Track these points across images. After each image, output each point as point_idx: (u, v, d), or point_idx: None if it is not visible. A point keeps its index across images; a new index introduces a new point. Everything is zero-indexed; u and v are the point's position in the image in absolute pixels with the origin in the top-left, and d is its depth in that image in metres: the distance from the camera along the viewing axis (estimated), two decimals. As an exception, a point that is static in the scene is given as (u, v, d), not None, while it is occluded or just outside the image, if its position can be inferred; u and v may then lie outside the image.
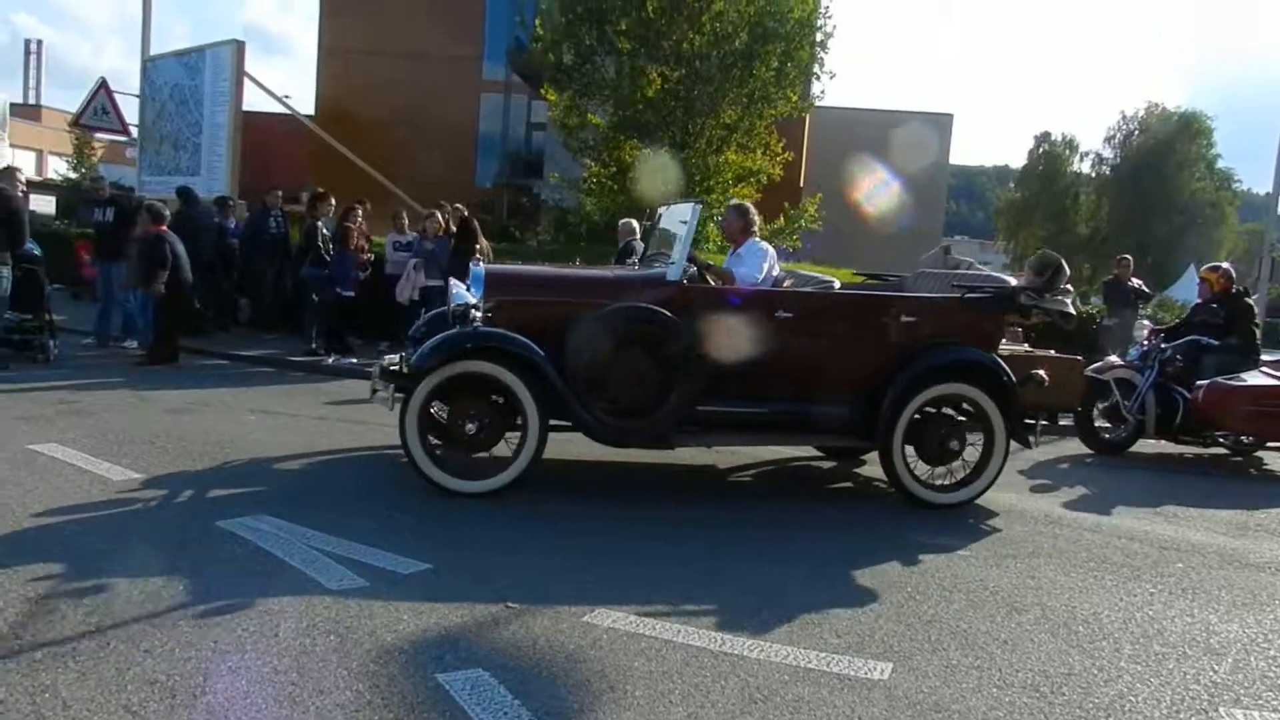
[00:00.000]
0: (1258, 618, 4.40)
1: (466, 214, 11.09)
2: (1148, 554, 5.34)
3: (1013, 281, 6.43)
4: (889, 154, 33.63)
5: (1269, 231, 14.95)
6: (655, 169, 14.65)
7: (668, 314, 5.57)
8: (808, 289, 6.42)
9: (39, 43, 59.35)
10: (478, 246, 10.42)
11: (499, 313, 5.68)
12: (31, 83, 53.12)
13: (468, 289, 6.05)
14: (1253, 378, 8.11)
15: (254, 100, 16.52)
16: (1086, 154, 52.24)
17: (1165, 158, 48.21)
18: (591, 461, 6.72)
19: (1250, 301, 8.88)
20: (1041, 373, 6.11)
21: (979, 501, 6.23)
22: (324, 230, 10.97)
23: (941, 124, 40.49)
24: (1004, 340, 6.45)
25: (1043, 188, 51.69)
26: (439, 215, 11.12)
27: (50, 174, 36.56)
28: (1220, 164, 52.84)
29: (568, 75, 17.43)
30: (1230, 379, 8.06)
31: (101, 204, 11.68)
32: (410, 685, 3.13)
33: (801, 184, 25.16)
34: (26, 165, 28.68)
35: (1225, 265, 9.29)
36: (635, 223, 10.72)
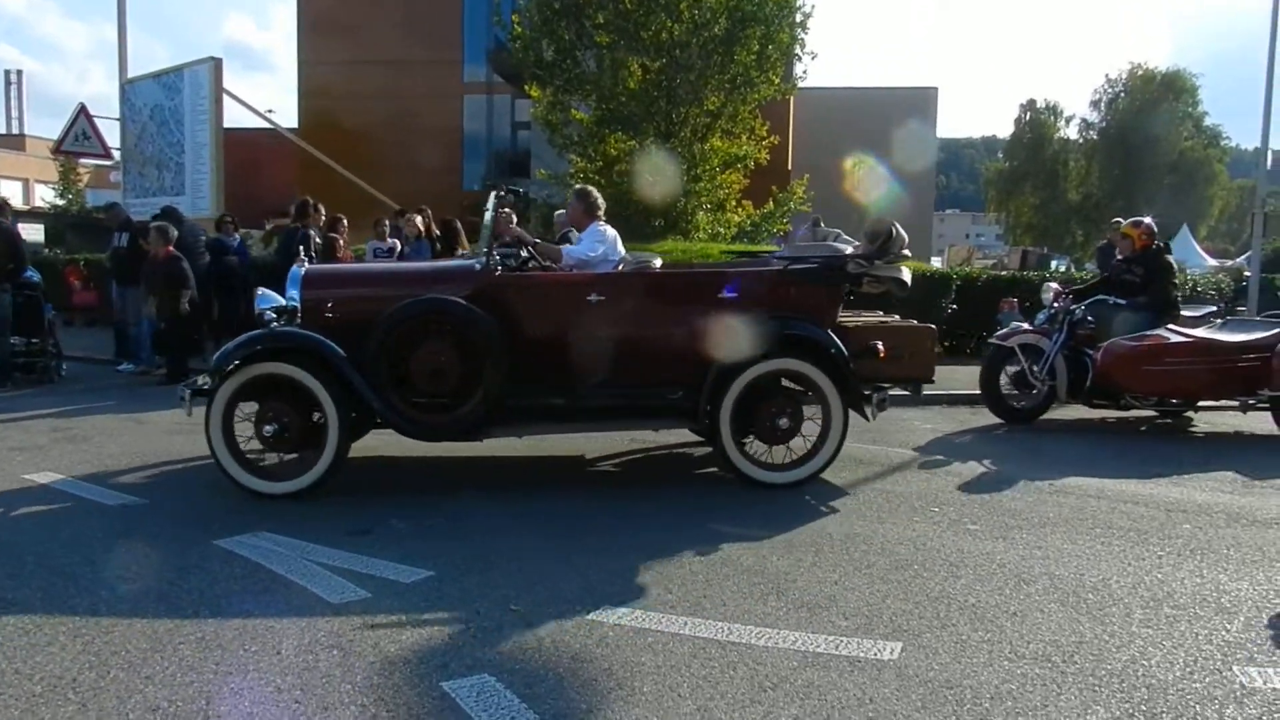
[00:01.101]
0: (1268, 575, 4.36)
1: (449, 217, 11.06)
2: (1154, 517, 5.31)
3: (847, 250, 6.10)
4: (874, 131, 33.56)
5: (1259, 186, 14.90)
6: (651, 169, 14.60)
7: (463, 303, 5.50)
8: (621, 270, 6.22)
9: (19, 73, 59.16)
10: (460, 250, 10.40)
11: (313, 312, 5.70)
12: (14, 113, 53.07)
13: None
14: (1155, 336, 7.75)
15: (238, 117, 16.52)
16: (1071, 118, 52.18)
17: (1152, 118, 48.11)
18: (590, 458, 6.70)
19: (1170, 259, 8.50)
20: (878, 344, 5.92)
21: (984, 475, 6.20)
22: (316, 239, 10.90)
23: (926, 98, 40.43)
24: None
25: (1031, 156, 51.60)
26: (417, 219, 11.06)
27: (38, 202, 36.50)
28: (1208, 121, 52.82)
29: (548, 72, 17.37)
30: (1131, 338, 7.74)
31: (117, 230, 11.65)
32: (415, 695, 3.10)
33: (789, 167, 25.10)
34: (13, 194, 28.63)
35: (1147, 220, 8.76)
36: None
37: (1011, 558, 4.56)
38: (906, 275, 6.15)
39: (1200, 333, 7.99)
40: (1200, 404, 8.41)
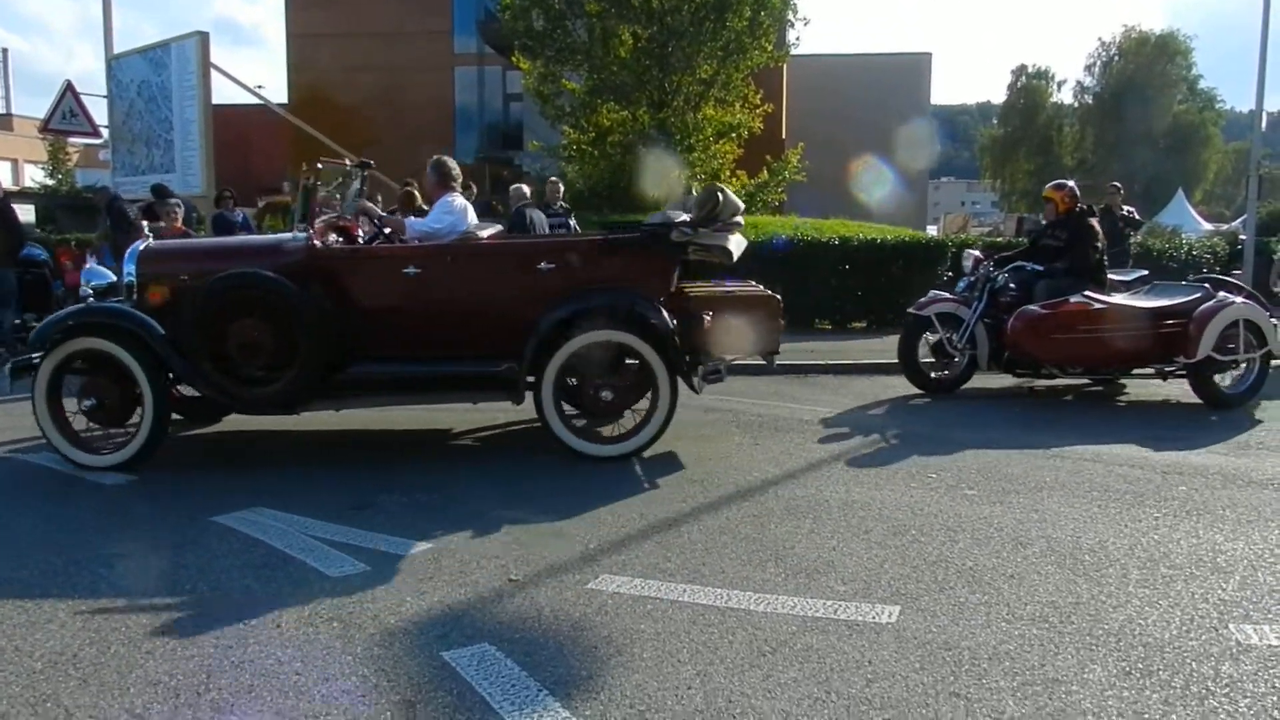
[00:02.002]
0: (1263, 534, 4.38)
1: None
2: (1150, 480, 5.32)
3: (680, 219, 5.87)
4: (868, 99, 33.37)
5: (1254, 149, 14.84)
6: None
7: (273, 276, 5.48)
8: (435, 242, 6.02)
9: (4, 51, 58.50)
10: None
11: (147, 288, 5.73)
12: (1, 92, 52.53)
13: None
14: (1068, 303, 7.43)
15: (229, 94, 16.36)
16: (1063, 82, 52.01)
17: (1146, 82, 47.92)
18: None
19: (1092, 222, 8.11)
20: (706, 315, 5.79)
21: (980, 441, 6.21)
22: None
23: (920, 64, 40.18)
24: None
25: (1025, 122, 51.43)
26: (415, 194, 11.00)
27: (27, 182, 36.24)
28: (1202, 84, 52.62)
29: (539, 42, 17.27)
30: (1043, 305, 7.46)
31: (104, 210, 11.58)
32: (416, 665, 3.11)
33: (783, 135, 24.98)
34: (2, 175, 28.45)
35: (1070, 183, 8.47)
36: (526, 187, 10.78)
37: (1008, 521, 4.57)
38: (734, 244, 5.90)
39: (1118, 299, 7.69)
40: (1117, 373, 8.12)
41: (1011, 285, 7.93)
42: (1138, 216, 12.93)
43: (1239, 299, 7.48)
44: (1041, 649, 3.19)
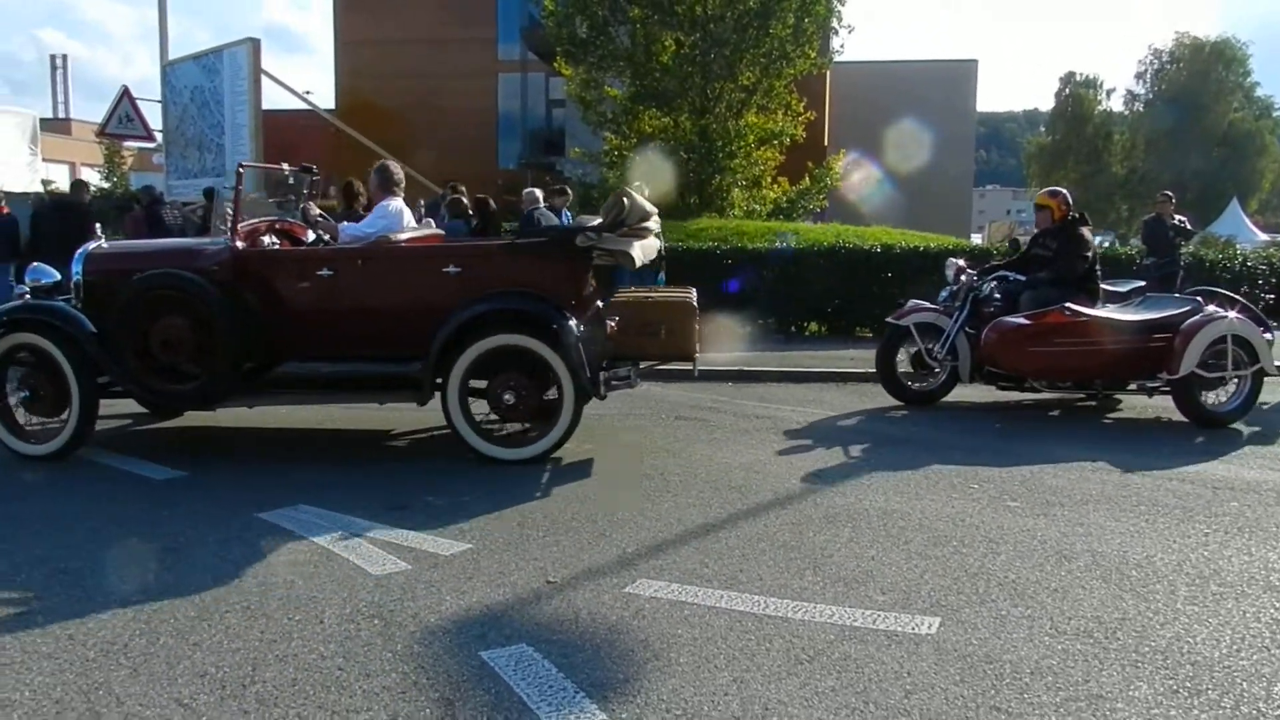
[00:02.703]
0: (1317, 551, 4.28)
1: (483, 196, 11.14)
2: (1199, 495, 5.22)
3: (592, 223, 5.89)
4: (913, 106, 33.12)
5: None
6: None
7: (190, 276, 5.70)
8: (347, 246, 6.16)
9: (64, 57, 59.95)
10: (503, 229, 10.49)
11: (90, 287, 5.97)
12: (60, 97, 53.74)
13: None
14: (1045, 314, 7.12)
15: (277, 98, 16.62)
16: (1111, 90, 51.28)
17: (1200, 89, 47.10)
18: (623, 433, 6.71)
19: (1083, 231, 7.75)
20: (611, 321, 5.79)
21: (1024, 452, 6.14)
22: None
23: (966, 71, 39.81)
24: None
25: (1073, 129, 50.72)
26: (463, 199, 11.14)
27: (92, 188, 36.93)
28: (1258, 92, 51.53)
29: (582, 49, 17.34)
30: (1019, 316, 7.18)
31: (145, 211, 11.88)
32: (455, 664, 3.14)
33: (825, 143, 24.87)
34: (60, 177, 29.07)
35: (1063, 191, 8.14)
36: (538, 191, 10.84)
37: (1052, 534, 4.51)
38: (638, 249, 5.80)
39: (1101, 311, 7.33)
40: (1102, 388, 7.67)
41: (996, 295, 7.72)
42: (1189, 226, 12.68)
43: (1231, 313, 7.13)
44: (1086, 665, 3.14)
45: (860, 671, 3.08)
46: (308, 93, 18.63)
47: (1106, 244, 30.92)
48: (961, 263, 8.19)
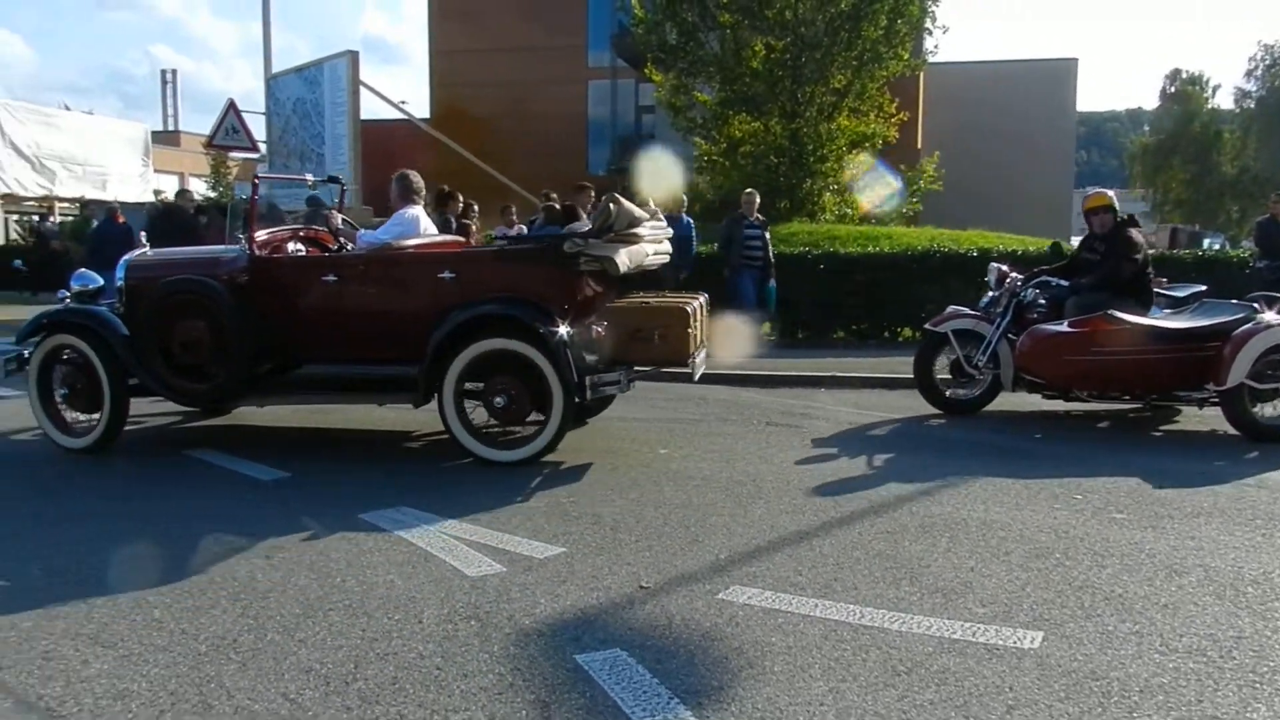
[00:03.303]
0: None
1: (569, 203, 11.24)
2: (1321, 508, 4.97)
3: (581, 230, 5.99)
4: (1010, 107, 32.31)
5: None
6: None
7: (206, 282, 6.05)
8: (352, 252, 6.44)
9: (173, 72, 62.80)
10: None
11: (130, 293, 6.34)
12: (170, 110, 56.09)
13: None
14: (1085, 321, 6.83)
15: (374, 108, 17.06)
16: (1218, 87, 49.13)
17: (1317, 86, 44.81)
18: (717, 443, 6.71)
19: (1131, 234, 7.38)
20: (598, 327, 5.86)
21: (1129, 462, 5.94)
22: (454, 226, 11.20)
23: (1065, 70, 38.64)
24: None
25: (1179, 128, 48.79)
26: (556, 207, 11.27)
27: (196, 197, 38.47)
28: (1384, 87, 48.78)
29: (671, 55, 17.38)
30: (1056, 324, 6.93)
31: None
32: (550, 667, 3.17)
33: (919, 145, 24.45)
34: (169, 189, 30.35)
35: (1109, 194, 7.75)
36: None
37: (1162, 548, 4.35)
38: (623, 256, 5.81)
39: (1146, 318, 6.94)
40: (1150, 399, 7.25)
41: (1041, 301, 7.44)
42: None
43: None
44: (1199, 684, 3.02)
45: (960, 685, 3.02)
46: (403, 102, 19.15)
47: (1217, 246, 29.74)
48: (1004, 267, 7.94)
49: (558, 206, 10.81)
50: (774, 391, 8.74)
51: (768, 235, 11.25)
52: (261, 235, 6.33)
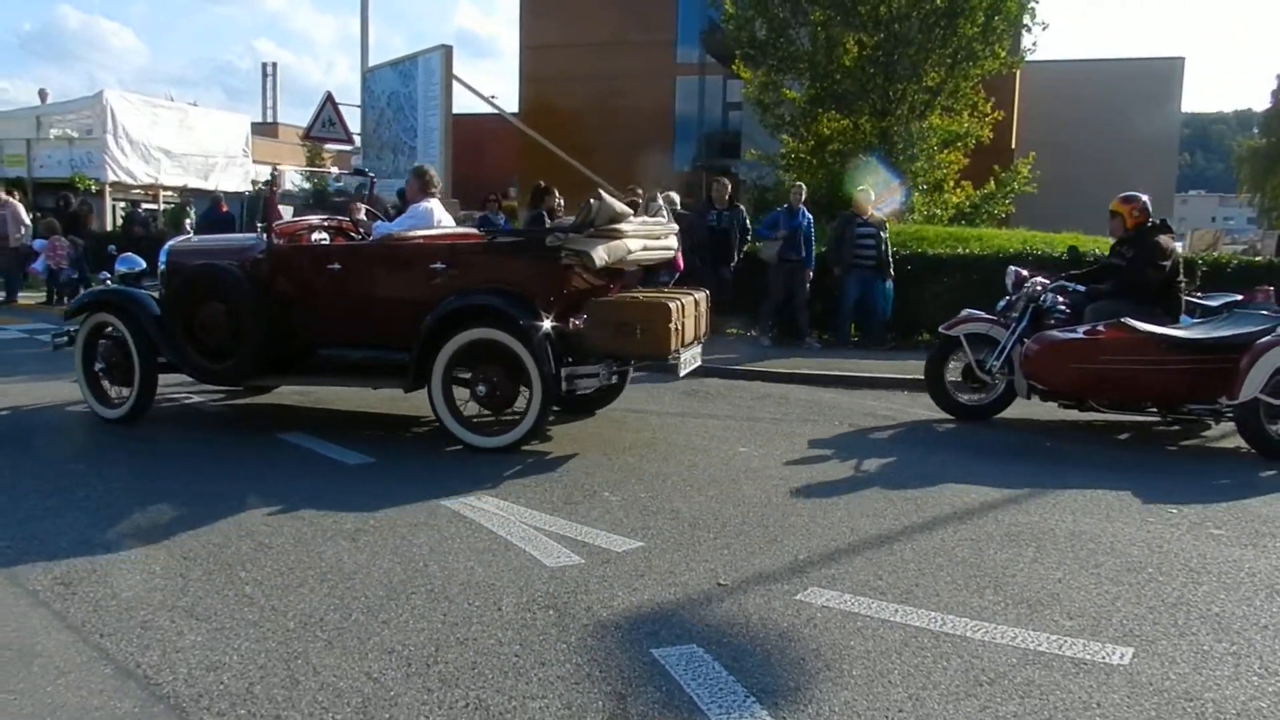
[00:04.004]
0: None
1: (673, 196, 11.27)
2: None
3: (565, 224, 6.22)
4: (1111, 106, 31.31)
5: None
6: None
7: (224, 268, 6.49)
8: (355, 243, 6.88)
9: (274, 65, 64.50)
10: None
11: (169, 276, 6.80)
12: (269, 103, 57.76)
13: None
14: (1096, 329, 6.63)
15: (465, 102, 17.31)
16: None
17: None
18: (798, 444, 6.65)
19: (1160, 239, 7.12)
20: (576, 321, 6.02)
21: (1228, 475, 5.71)
22: (549, 222, 11.30)
23: (1170, 69, 37.29)
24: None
25: (1292, 130, 46.70)
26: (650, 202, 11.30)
27: (287, 185, 39.63)
28: None
29: (761, 51, 17.22)
30: (1068, 329, 6.75)
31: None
32: (627, 659, 3.19)
33: (1013, 144, 23.85)
34: (265, 178, 31.28)
35: (1142, 197, 7.46)
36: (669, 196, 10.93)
37: (1262, 567, 4.17)
38: (600, 251, 5.87)
39: (1159, 328, 6.58)
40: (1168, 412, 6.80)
41: (1061, 306, 7.21)
42: None
43: None
44: (1300, 710, 2.90)
45: (1045, 699, 2.94)
46: (493, 96, 19.37)
47: (1329, 255, 28.30)
48: (1024, 271, 7.75)
49: (640, 204, 10.88)
50: (856, 393, 8.63)
51: (884, 234, 11.01)
52: (284, 222, 6.79)
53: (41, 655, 3.17)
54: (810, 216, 11.40)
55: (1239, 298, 7.82)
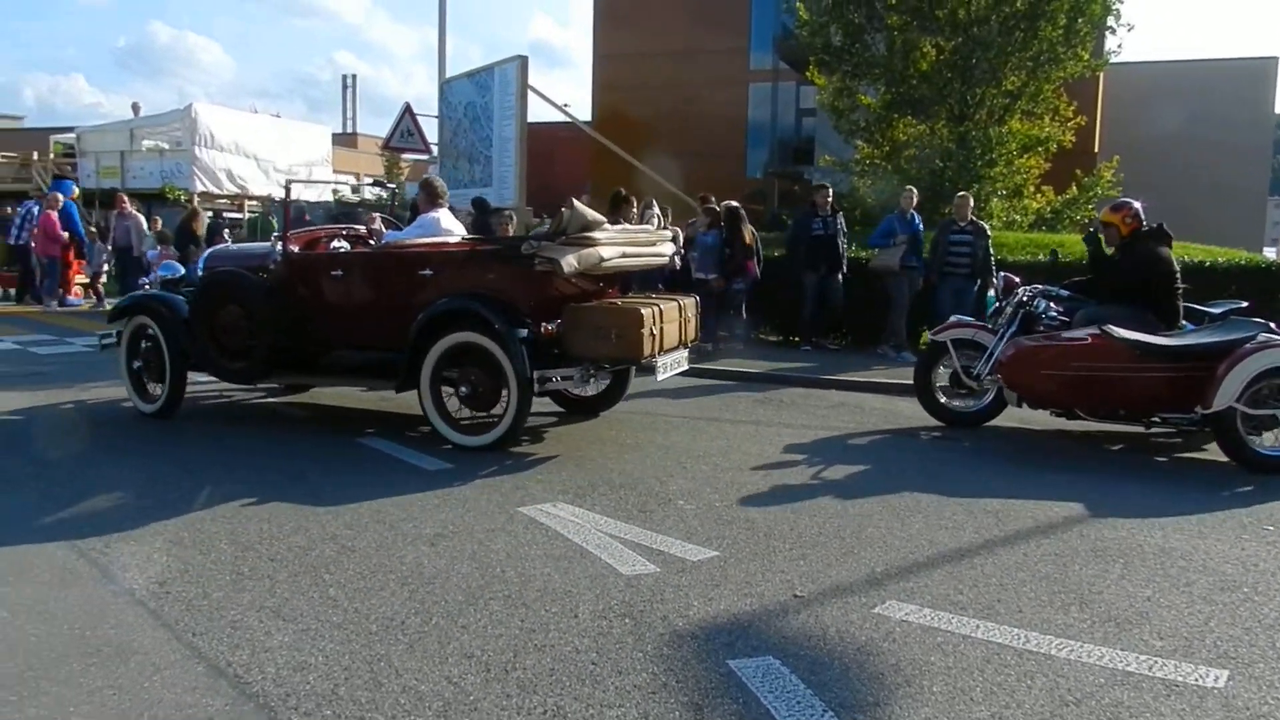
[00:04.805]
0: None
1: (735, 205, 11.24)
2: None
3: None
4: (1200, 108, 30.35)
5: None
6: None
7: (241, 274, 7.01)
8: (357, 250, 7.31)
9: (353, 77, 66.31)
10: (745, 236, 10.61)
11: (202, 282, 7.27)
12: (349, 113, 59.22)
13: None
14: (1070, 335, 6.61)
15: (538, 111, 17.46)
16: None
17: None
18: (874, 454, 6.58)
19: (1154, 248, 7.00)
20: (549, 325, 6.19)
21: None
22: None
23: (1263, 70, 35.99)
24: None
25: (1396, 131, 44.67)
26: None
27: (366, 194, 40.49)
28: None
29: (836, 57, 17.09)
30: (1038, 336, 6.74)
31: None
32: (703, 670, 3.19)
33: (1096, 149, 23.26)
34: (345, 188, 31.94)
35: (1134, 204, 7.34)
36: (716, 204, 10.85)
37: (1366, 589, 4.00)
38: (570, 258, 6.04)
39: (1139, 335, 6.40)
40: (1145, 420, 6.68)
41: (1053, 312, 7.13)
42: None
43: None
44: None
45: (1135, 721, 2.86)
46: (566, 105, 19.64)
47: None
48: (1015, 277, 7.72)
49: (717, 210, 10.92)
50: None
51: (986, 241, 10.62)
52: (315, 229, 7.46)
53: (139, 653, 3.29)
54: (920, 222, 11.12)
55: (1243, 304, 7.62)
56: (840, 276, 11.18)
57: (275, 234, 7.21)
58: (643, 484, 5.57)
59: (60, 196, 16.81)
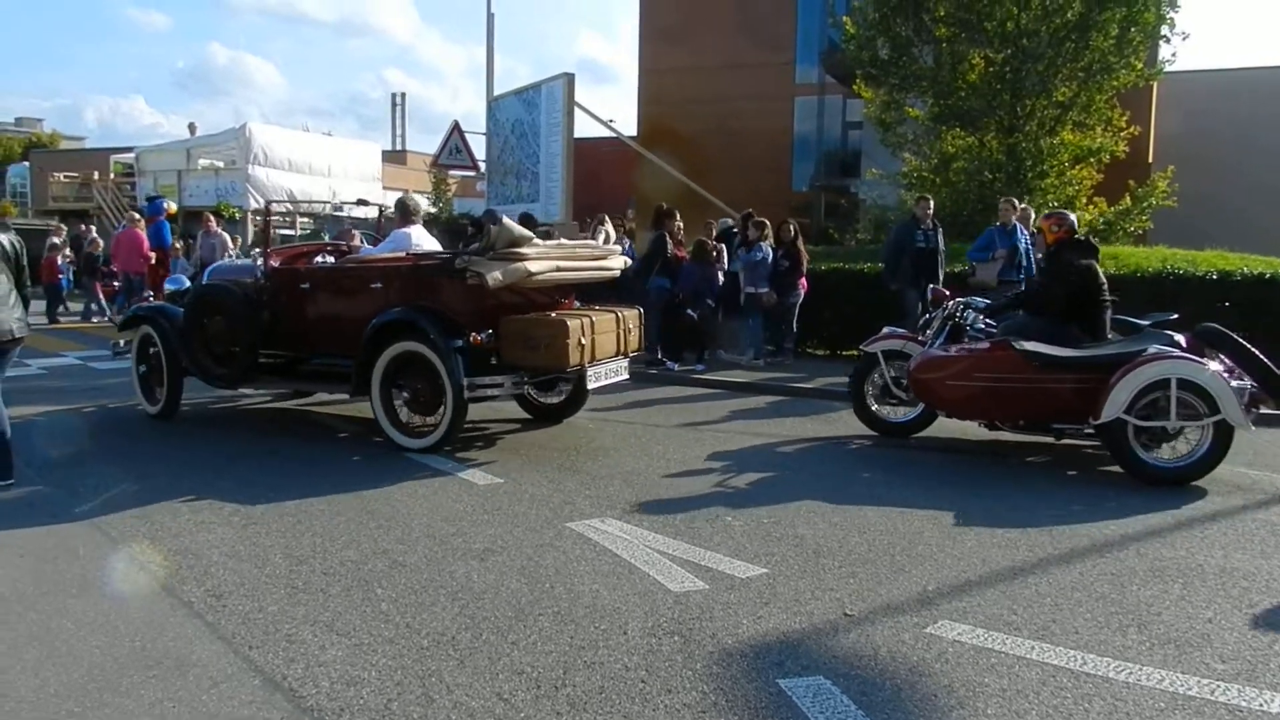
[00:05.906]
0: None
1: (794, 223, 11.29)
2: None
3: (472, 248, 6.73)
4: (1258, 116, 29.69)
5: None
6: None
7: (224, 286, 7.65)
8: (322, 265, 7.79)
9: (403, 95, 67.27)
10: (797, 251, 10.59)
11: (192, 295, 7.89)
12: (399, 130, 60.04)
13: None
14: (973, 347, 6.75)
15: (584, 127, 17.59)
16: None
17: None
18: (927, 471, 6.51)
19: (1074, 259, 6.91)
20: (479, 335, 6.42)
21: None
22: (670, 243, 11.37)
23: (1325, 75, 35.12)
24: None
25: None
26: (768, 226, 11.29)
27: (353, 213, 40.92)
28: None
29: (883, 70, 16.99)
30: (944, 348, 6.86)
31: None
32: (753, 689, 3.17)
33: (1150, 159, 22.84)
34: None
35: (1070, 216, 7.34)
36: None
37: None
38: (496, 273, 6.35)
39: (1041, 346, 6.41)
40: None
41: (982, 324, 7.16)
42: None
43: (1182, 355, 6.16)
44: None
45: (1196, 748, 2.80)
46: (611, 120, 19.77)
47: None
48: (946, 290, 7.75)
49: (767, 225, 10.93)
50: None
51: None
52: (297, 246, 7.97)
53: (197, 665, 3.35)
54: (1029, 234, 10.74)
55: (1174, 317, 7.47)
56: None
57: (256, 249, 7.93)
58: (690, 500, 5.57)
59: (138, 215, 17.05)
